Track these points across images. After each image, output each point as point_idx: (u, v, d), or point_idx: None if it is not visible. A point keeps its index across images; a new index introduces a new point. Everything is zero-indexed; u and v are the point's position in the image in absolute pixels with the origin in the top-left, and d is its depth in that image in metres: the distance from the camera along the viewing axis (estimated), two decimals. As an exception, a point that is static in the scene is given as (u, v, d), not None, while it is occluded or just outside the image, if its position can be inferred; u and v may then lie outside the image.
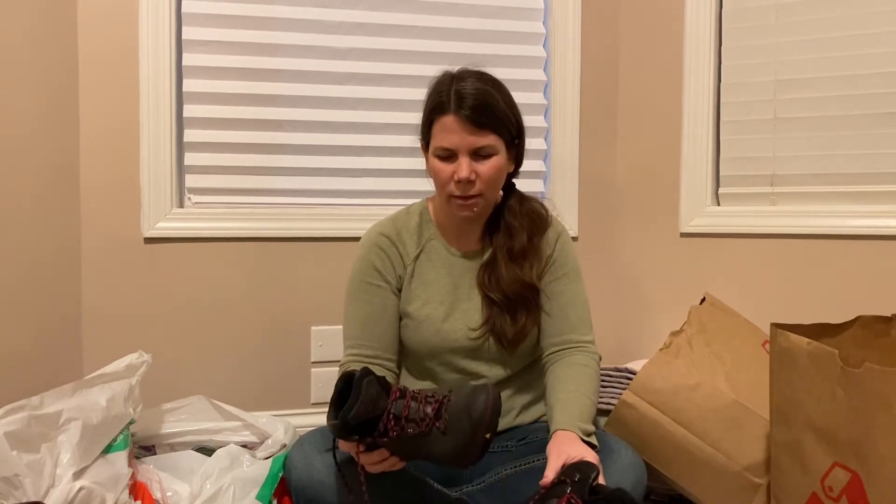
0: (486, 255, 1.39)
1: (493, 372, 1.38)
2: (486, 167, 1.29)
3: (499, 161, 1.31)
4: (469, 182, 1.28)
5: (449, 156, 1.29)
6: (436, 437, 1.08)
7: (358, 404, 1.06)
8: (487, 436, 1.07)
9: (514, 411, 1.40)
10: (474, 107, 1.27)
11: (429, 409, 1.09)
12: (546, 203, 1.46)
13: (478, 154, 1.29)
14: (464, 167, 1.27)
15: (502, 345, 1.35)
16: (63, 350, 1.63)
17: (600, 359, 1.40)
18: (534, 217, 1.41)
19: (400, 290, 1.39)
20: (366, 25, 1.81)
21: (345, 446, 1.14)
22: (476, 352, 1.37)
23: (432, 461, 1.11)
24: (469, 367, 1.38)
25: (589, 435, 1.20)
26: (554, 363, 1.36)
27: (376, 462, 1.13)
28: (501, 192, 1.42)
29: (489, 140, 1.29)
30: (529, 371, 1.41)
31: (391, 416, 1.08)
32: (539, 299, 1.38)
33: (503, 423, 1.38)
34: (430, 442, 1.08)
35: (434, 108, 1.31)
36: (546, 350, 1.38)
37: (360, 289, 1.38)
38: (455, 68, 1.34)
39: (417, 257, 1.40)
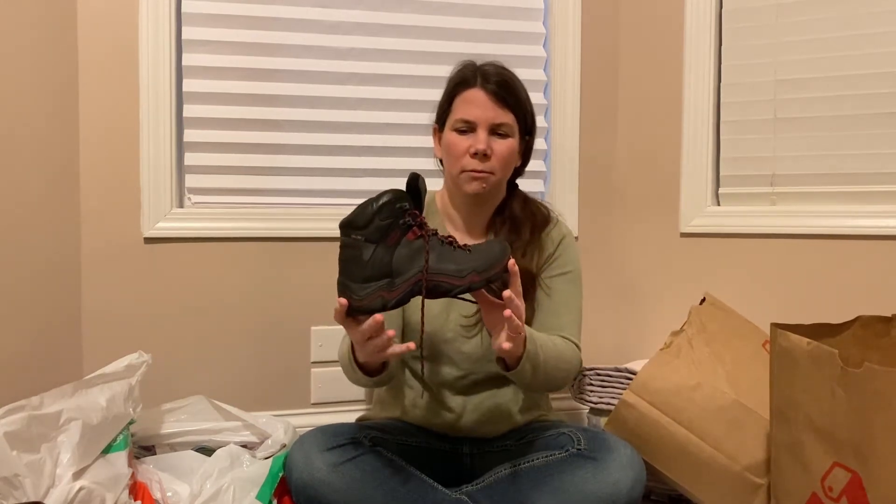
0: None
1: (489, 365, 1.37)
2: (501, 146, 1.33)
3: (513, 144, 1.35)
4: (485, 156, 1.32)
5: (467, 129, 1.33)
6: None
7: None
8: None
9: (516, 409, 1.40)
10: (499, 83, 1.33)
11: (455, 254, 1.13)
12: (549, 206, 1.47)
13: (495, 132, 1.33)
14: (482, 139, 1.32)
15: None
16: (63, 350, 1.63)
17: (581, 363, 1.40)
18: (537, 213, 1.43)
19: None
20: (366, 25, 1.81)
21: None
22: (470, 342, 1.36)
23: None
24: (463, 353, 1.37)
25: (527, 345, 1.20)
26: None
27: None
28: (505, 192, 1.43)
29: (508, 119, 1.34)
30: None
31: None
32: (534, 292, 1.38)
33: (503, 426, 1.39)
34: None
35: (458, 84, 1.36)
36: None
37: None
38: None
39: None
